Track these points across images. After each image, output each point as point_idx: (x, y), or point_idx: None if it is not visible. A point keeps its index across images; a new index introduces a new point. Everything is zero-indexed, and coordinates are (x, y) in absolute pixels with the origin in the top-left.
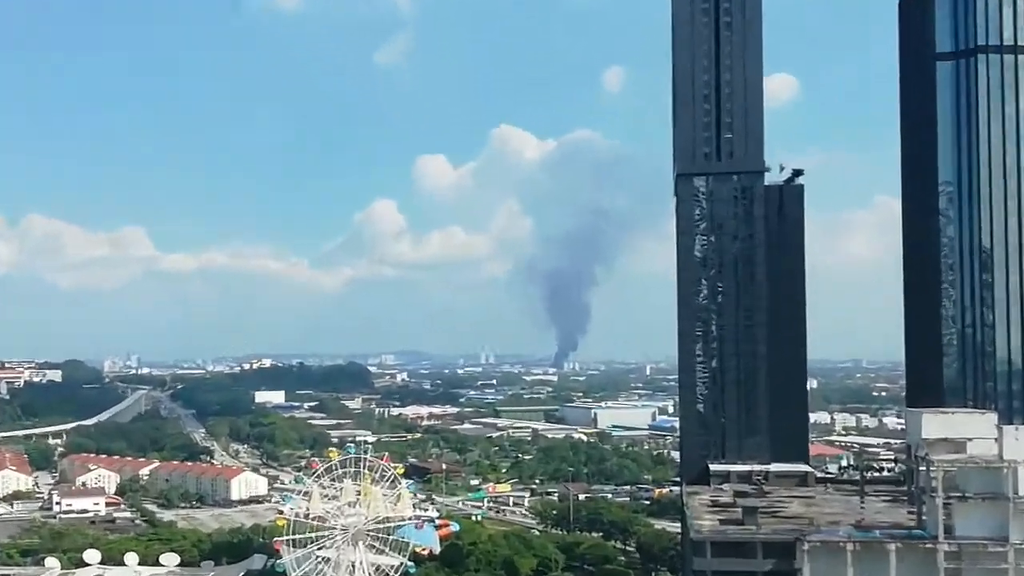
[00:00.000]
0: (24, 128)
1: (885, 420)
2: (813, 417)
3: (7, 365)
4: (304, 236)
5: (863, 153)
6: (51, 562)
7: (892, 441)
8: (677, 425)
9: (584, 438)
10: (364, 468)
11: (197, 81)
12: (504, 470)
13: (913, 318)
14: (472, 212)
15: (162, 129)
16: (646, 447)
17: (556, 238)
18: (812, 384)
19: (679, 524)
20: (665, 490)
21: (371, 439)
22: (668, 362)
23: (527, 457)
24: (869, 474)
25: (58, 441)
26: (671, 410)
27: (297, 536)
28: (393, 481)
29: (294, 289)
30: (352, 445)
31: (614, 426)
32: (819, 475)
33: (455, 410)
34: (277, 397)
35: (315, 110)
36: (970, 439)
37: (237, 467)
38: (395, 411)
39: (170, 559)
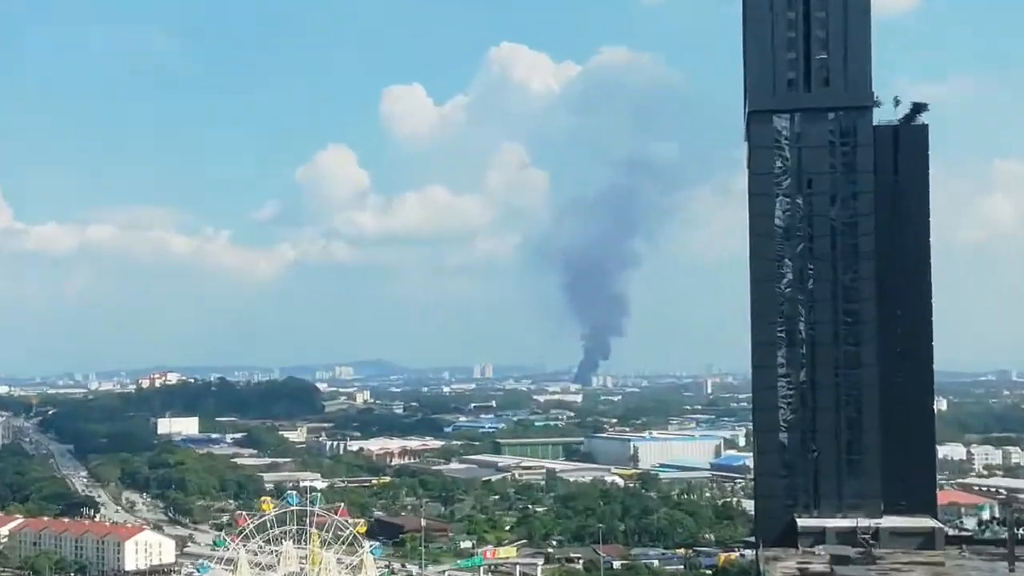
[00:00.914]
0: None
1: None
2: (942, 451)
3: None
4: (224, 200)
5: (1014, 83)
6: None
7: None
8: (750, 464)
9: (620, 482)
10: (311, 526)
11: None
12: (508, 527)
13: None
14: (462, 165)
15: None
16: (707, 494)
17: (580, 202)
18: (941, 406)
19: None
20: (734, 554)
21: (321, 485)
22: (738, 375)
23: (540, 509)
24: (1022, 531)
25: None
26: (742, 442)
27: None
28: (352, 543)
29: (210, 275)
30: (294, 493)
31: (662, 465)
32: (951, 532)
33: (439, 443)
34: (189, 426)
35: (234, 28)
36: None
37: (133, 525)
38: (354, 445)
39: None
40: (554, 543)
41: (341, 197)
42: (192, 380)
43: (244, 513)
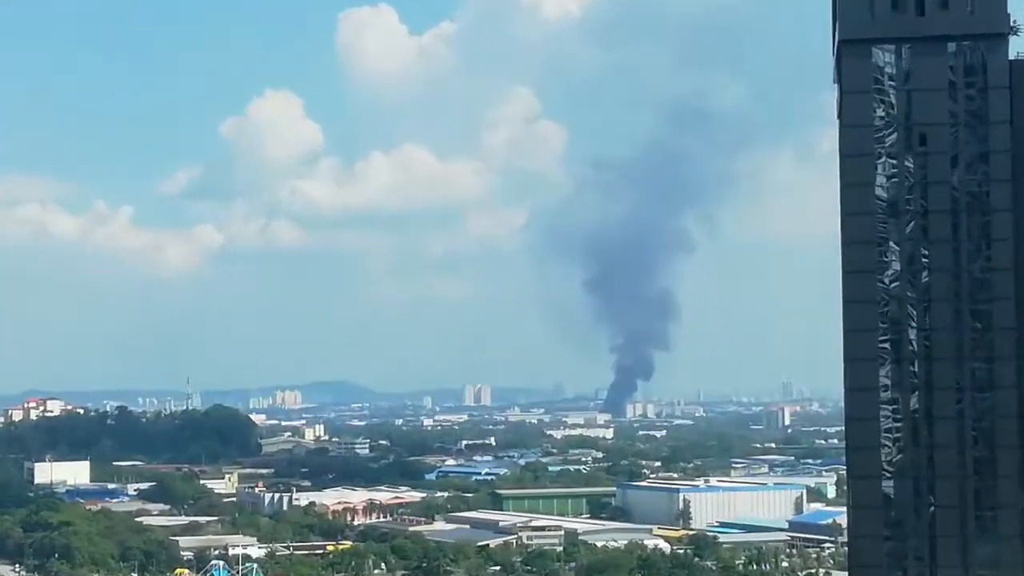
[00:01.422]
0: None
1: None
2: None
3: None
4: (122, 166)
5: None
6: None
7: None
8: (843, 522)
9: (666, 547)
10: None
11: None
12: None
13: None
14: (448, 118)
15: None
16: (784, 564)
17: (609, 166)
18: None
19: None
20: None
21: (257, 552)
22: (826, 401)
23: None
24: None
25: None
26: (831, 493)
27: None
28: None
29: (105, 266)
30: (221, 565)
31: (722, 524)
32: None
33: (418, 496)
34: (77, 473)
35: None
36: None
37: None
38: (303, 498)
39: None
40: None
41: (283, 161)
42: (81, 410)
43: None
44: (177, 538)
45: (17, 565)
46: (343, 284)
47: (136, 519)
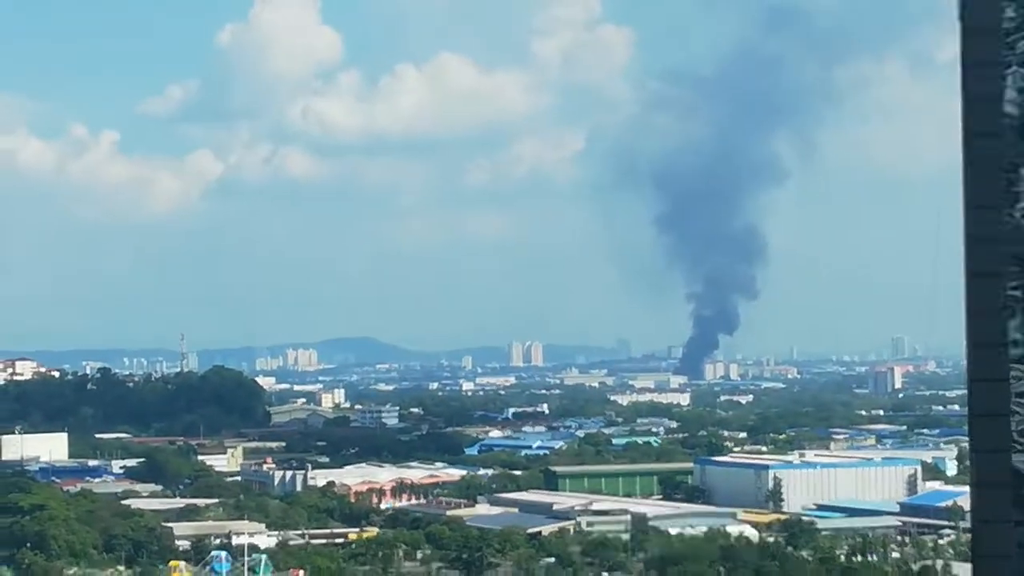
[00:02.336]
0: None
1: None
2: None
3: None
4: (104, 84)
5: None
6: None
7: None
8: (964, 504)
9: (753, 534)
10: None
11: None
12: None
13: None
14: (492, 22)
15: None
16: (894, 554)
17: (685, 80)
18: None
19: None
20: None
21: (267, 541)
22: (945, 360)
23: None
24: None
25: None
26: (951, 470)
27: None
28: None
29: (84, 200)
30: (223, 556)
31: (820, 507)
32: None
33: (457, 474)
34: (53, 448)
35: None
36: None
37: None
38: (320, 477)
39: None
40: None
41: (294, 76)
42: (56, 373)
43: None
44: (171, 524)
45: None
46: (367, 223)
47: (122, 502)
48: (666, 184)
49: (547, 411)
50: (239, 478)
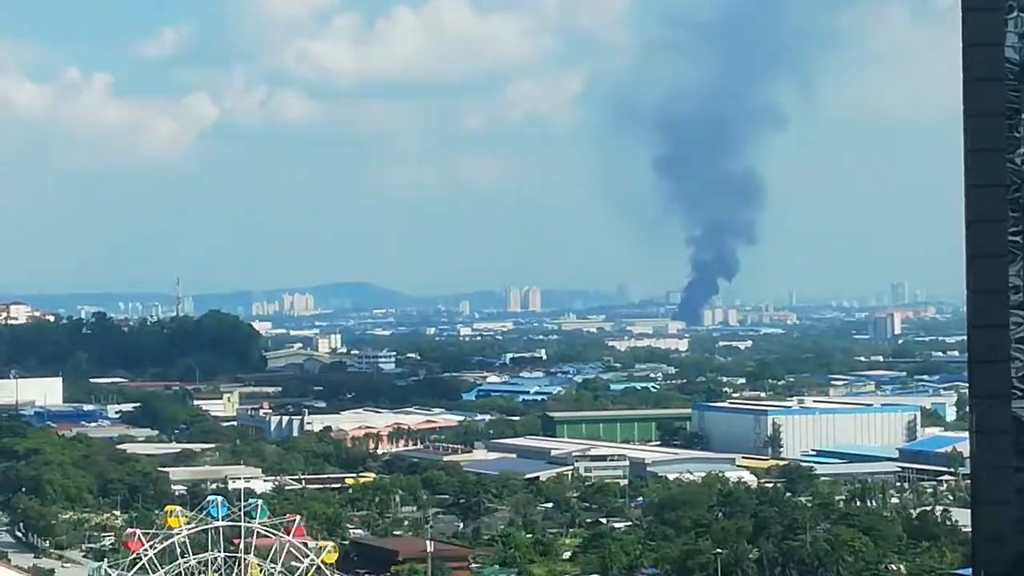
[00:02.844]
0: None
1: None
2: None
3: None
4: (98, 25)
5: None
6: None
7: None
8: (964, 450)
9: (752, 480)
10: (247, 552)
11: None
12: (568, 555)
13: None
14: None
15: None
16: (893, 500)
17: (685, 23)
18: None
19: None
20: None
21: (263, 486)
22: (944, 305)
23: (621, 525)
24: None
25: None
26: (950, 415)
27: None
28: None
29: (78, 144)
30: (219, 501)
31: (819, 452)
32: None
33: (454, 419)
34: (48, 392)
35: None
36: None
37: None
38: (316, 422)
39: None
40: None
41: (290, 17)
42: (51, 317)
43: (138, 532)
44: (167, 469)
45: None
46: (363, 167)
47: (118, 447)
48: (665, 128)
49: (545, 356)
50: (235, 423)
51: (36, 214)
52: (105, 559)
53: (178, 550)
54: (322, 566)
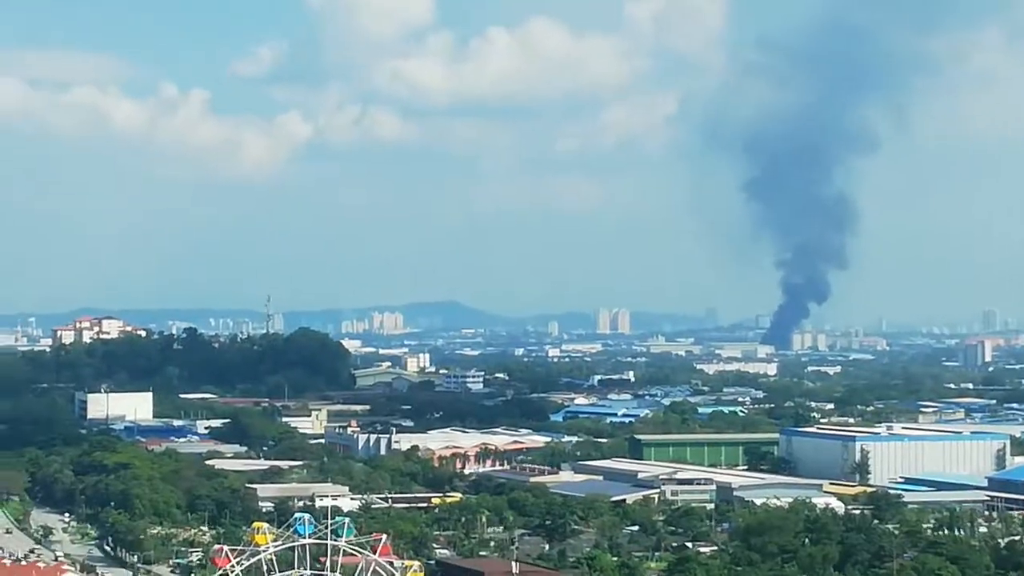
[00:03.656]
0: None
1: None
2: None
3: None
4: (194, 44)
5: None
6: None
7: None
8: None
9: (839, 506)
10: (335, 569)
11: None
12: None
13: None
14: None
15: None
16: (982, 528)
17: (777, 47)
18: None
19: None
20: None
21: (350, 504)
22: None
23: (707, 549)
24: None
25: None
26: None
27: None
28: None
29: (173, 160)
30: (306, 518)
31: (907, 480)
32: None
33: (541, 440)
34: (138, 407)
35: None
36: None
37: (47, 565)
38: (404, 441)
39: None
40: None
41: (384, 37)
42: (143, 332)
43: (225, 548)
44: (255, 486)
45: (67, 514)
46: (453, 187)
47: (207, 462)
48: (756, 151)
49: (633, 379)
50: (323, 440)
51: (130, 230)
52: (192, 574)
53: (265, 567)
54: None
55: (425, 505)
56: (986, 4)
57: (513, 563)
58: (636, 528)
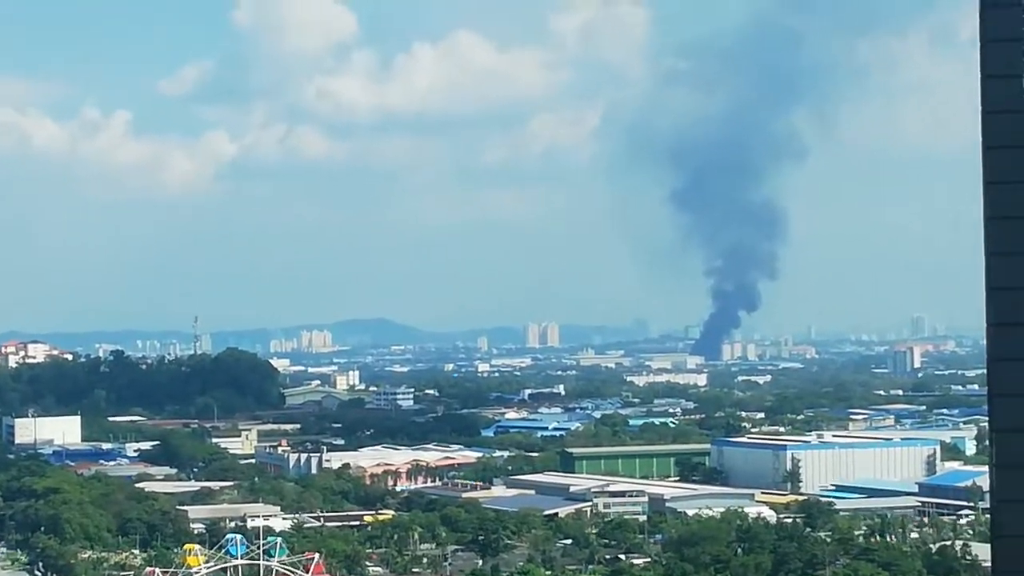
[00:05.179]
0: None
1: None
2: None
3: None
4: (118, 63)
5: None
6: None
7: None
8: (984, 485)
9: (771, 515)
10: None
11: None
12: None
13: None
14: None
15: None
16: (913, 535)
17: (703, 54)
18: None
19: None
20: None
21: (282, 524)
22: (965, 339)
23: (640, 561)
24: None
25: None
26: (970, 450)
27: None
28: None
29: (97, 181)
30: (238, 539)
31: (838, 487)
32: None
33: (473, 456)
34: (66, 430)
35: None
36: None
37: None
38: (335, 459)
39: None
40: None
41: (310, 55)
42: (69, 355)
43: (157, 571)
44: (186, 508)
45: None
46: (381, 203)
47: (137, 485)
48: (684, 160)
49: (563, 392)
50: (254, 461)
51: (55, 252)
52: None
53: None
54: None
55: (357, 523)
56: (913, 11)
57: None
58: (569, 542)
